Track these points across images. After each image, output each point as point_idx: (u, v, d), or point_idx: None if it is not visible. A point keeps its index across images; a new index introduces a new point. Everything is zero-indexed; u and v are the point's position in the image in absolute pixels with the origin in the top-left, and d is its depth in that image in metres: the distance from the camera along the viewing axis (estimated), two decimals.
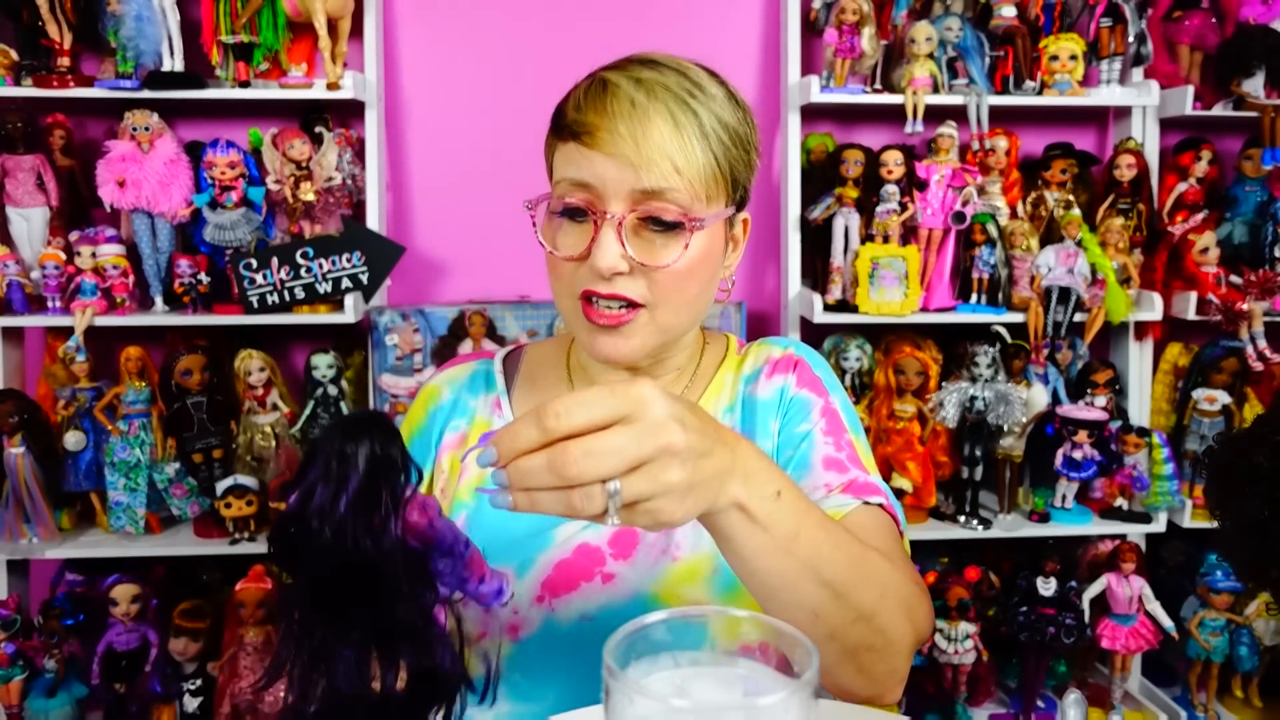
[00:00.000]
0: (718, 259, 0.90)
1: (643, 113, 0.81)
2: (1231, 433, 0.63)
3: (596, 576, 0.90)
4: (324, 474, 0.58)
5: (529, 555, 0.91)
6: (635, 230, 0.84)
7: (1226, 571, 2.03)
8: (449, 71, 2.14)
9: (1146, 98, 2.06)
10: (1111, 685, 2.11)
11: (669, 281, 0.84)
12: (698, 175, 0.83)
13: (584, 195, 0.84)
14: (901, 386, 2.01)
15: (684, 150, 0.82)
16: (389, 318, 1.99)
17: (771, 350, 1.00)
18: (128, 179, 1.85)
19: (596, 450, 0.56)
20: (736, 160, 0.88)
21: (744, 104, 0.91)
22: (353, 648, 0.59)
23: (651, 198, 0.82)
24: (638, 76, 0.84)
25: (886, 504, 0.88)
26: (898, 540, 0.88)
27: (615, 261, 0.82)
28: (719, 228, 0.89)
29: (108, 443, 1.88)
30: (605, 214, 0.83)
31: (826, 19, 2.00)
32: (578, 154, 0.83)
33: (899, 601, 0.75)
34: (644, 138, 0.81)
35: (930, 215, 1.99)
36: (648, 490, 0.57)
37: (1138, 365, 2.14)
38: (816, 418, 0.93)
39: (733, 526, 0.64)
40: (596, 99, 0.83)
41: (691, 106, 0.83)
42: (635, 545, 0.91)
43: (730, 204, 0.89)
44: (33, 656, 1.80)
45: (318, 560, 0.58)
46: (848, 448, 0.92)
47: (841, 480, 0.88)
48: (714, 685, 0.52)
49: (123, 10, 1.82)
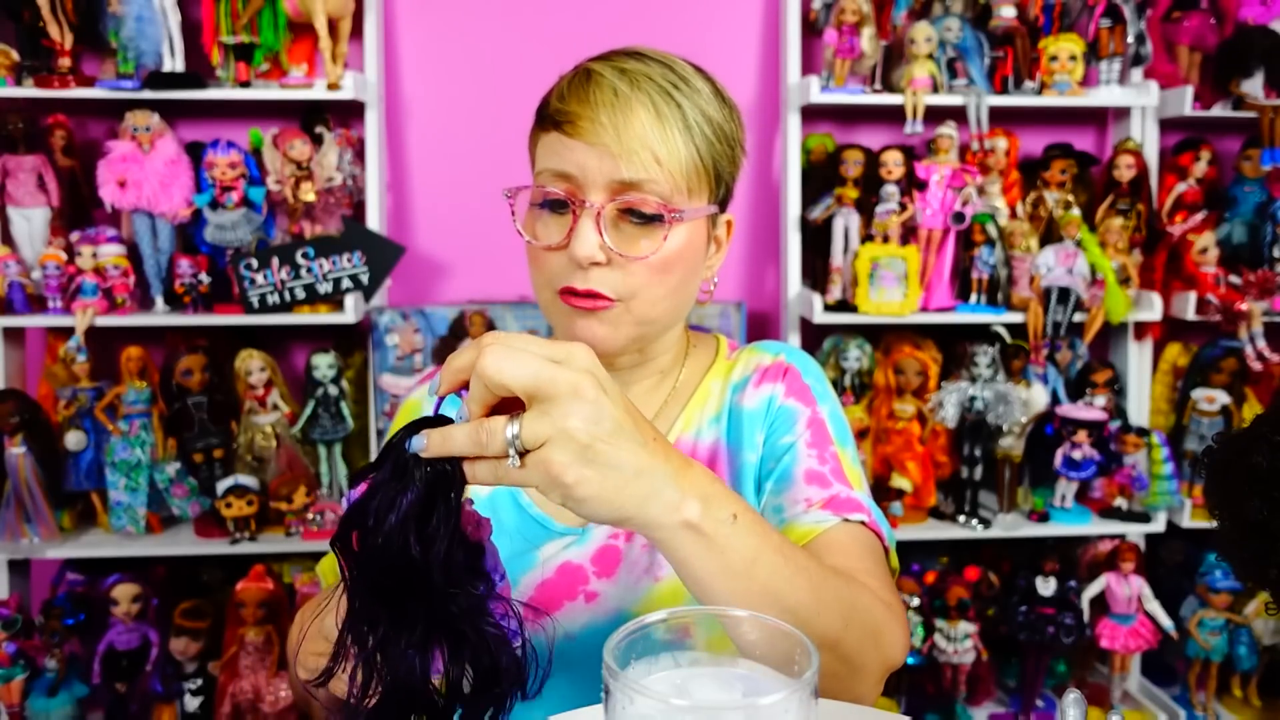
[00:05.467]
0: (698, 256, 0.89)
1: (625, 102, 0.81)
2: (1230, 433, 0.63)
3: (580, 595, 0.88)
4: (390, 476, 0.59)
5: (511, 577, 0.91)
6: (614, 221, 0.83)
7: (1225, 571, 2.03)
8: (449, 71, 2.14)
9: (1146, 98, 2.07)
10: (1111, 685, 2.11)
11: (646, 274, 0.84)
12: (679, 167, 0.82)
13: (565, 186, 0.84)
14: (901, 386, 2.01)
15: (666, 141, 0.81)
16: (389, 318, 1.99)
17: (762, 357, 0.98)
18: (128, 179, 1.85)
19: (512, 349, 0.57)
20: (721, 156, 0.87)
21: (730, 101, 0.90)
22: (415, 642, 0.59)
23: (631, 188, 0.82)
24: (622, 67, 0.84)
25: (870, 521, 0.86)
26: (879, 559, 0.85)
27: (593, 251, 0.82)
28: (701, 224, 0.88)
29: (108, 443, 1.88)
30: (585, 204, 0.82)
31: (826, 19, 2.00)
32: (559, 143, 0.83)
33: (866, 628, 0.73)
34: (625, 127, 0.81)
35: (930, 215, 1.99)
36: (544, 431, 0.57)
37: (1137, 365, 2.14)
38: (802, 429, 0.91)
39: (686, 548, 0.63)
40: (580, 89, 0.83)
41: (675, 98, 0.83)
42: (618, 564, 0.89)
43: (714, 200, 0.89)
44: (34, 656, 1.80)
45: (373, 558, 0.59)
46: (832, 460, 0.90)
47: (823, 495, 0.86)
48: (714, 685, 0.52)
49: (123, 11, 1.82)
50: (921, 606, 1.97)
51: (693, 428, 0.95)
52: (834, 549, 0.82)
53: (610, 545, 0.90)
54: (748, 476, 0.91)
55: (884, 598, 0.79)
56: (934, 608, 1.98)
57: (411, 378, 2.00)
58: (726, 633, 0.55)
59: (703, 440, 0.94)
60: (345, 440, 2.01)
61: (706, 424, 0.95)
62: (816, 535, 0.84)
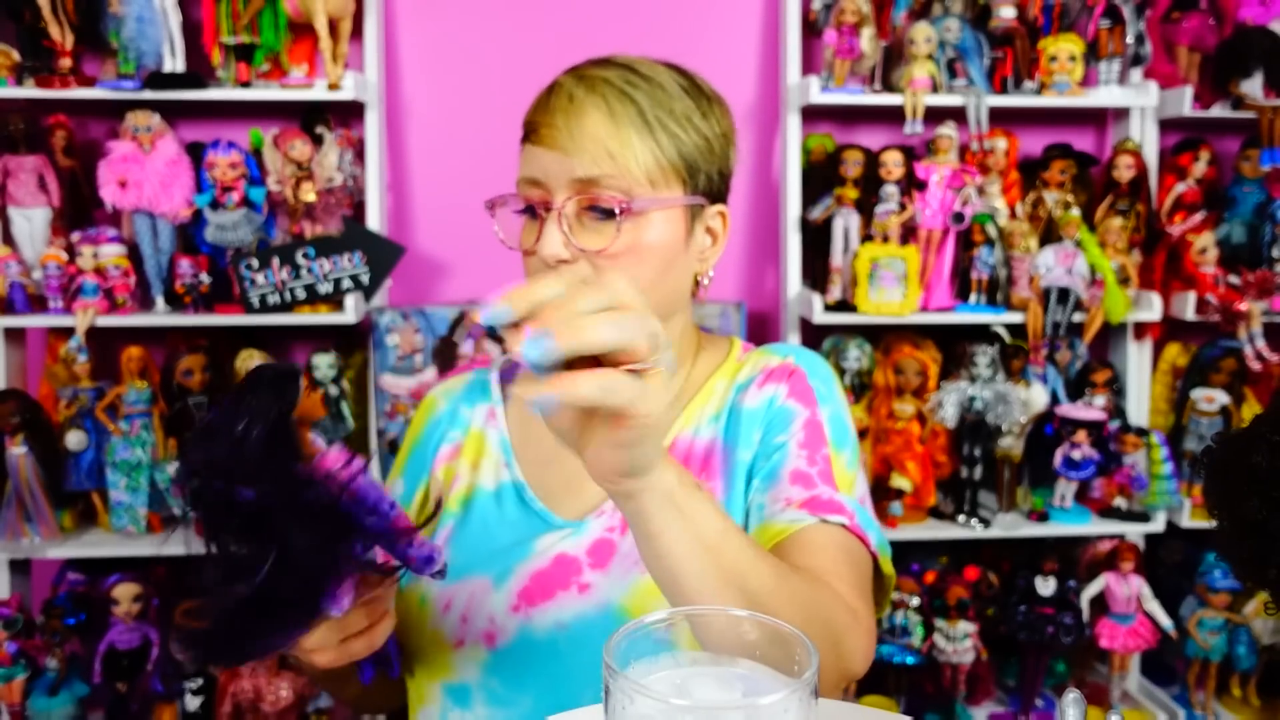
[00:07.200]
0: (675, 247, 0.89)
1: (579, 105, 0.85)
2: (1230, 432, 0.63)
3: (573, 586, 0.89)
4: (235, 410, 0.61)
5: (508, 565, 0.92)
6: (579, 218, 0.86)
7: (1225, 571, 2.03)
8: (449, 71, 2.14)
9: (1145, 98, 2.07)
10: (1110, 684, 2.12)
11: (613, 267, 0.85)
12: (635, 160, 0.84)
13: (537, 192, 0.87)
14: (901, 386, 2.02)
15: (617, 136, 0.84)
16: (389, 318, 2.00)
17: (770, 358, 0.98)
18: (129, 179, 1.85)
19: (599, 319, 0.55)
20: (694, 148, 0.88)
21: (709, 94, 0.92)
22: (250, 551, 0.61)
23: (590, 185, 0.84)
24: (582, 74, 0.87)
25: (851, 525, 0.85)
26: (854, 564, 0.84)
27: (557, 249, 0.85)
28: (676, 215, 0.88)
29: (109, 442, 1.88)
30: (550, 206, 0.86)
31: (826, 19, 2.00)
32: (529, 153, 0.88)
33: (825, 632, 0.72)
34: (579, 128, 0.84)
35: (930, 215, 1.99)
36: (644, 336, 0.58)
37: (1136, 365, 2.14)
38: (796, 429, 0.91)
39: (665, 514, 0.64)
40: (544, 99, 0.88)
41: (631, 95, 0.85)
42: (612, 555, 0.90)
43: (690, 192, 0.89)
44: (34, 656, 1.80)
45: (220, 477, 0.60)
46: (822, 463, 0.89)
47: (804, 495, 0.86)
48: (714, 685, 0.52)
49: (124, 11, 1.82)
50: (921, 606, 1.98)
51: (691, 425, 0.95)
52: (806, 548, 0.82)
53: (606, 538, 0.91)
54: (740, 474, 0.92)
55: (850, 603, 0.78)
56: (933, 607, 1.99)
57: (412, 378, 2.00)
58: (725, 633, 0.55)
59: (700, 438, 0.95)
60: (345, 440, 2.01)
61: (705, 422, 0.95)
62: (790, 534, 0.84)
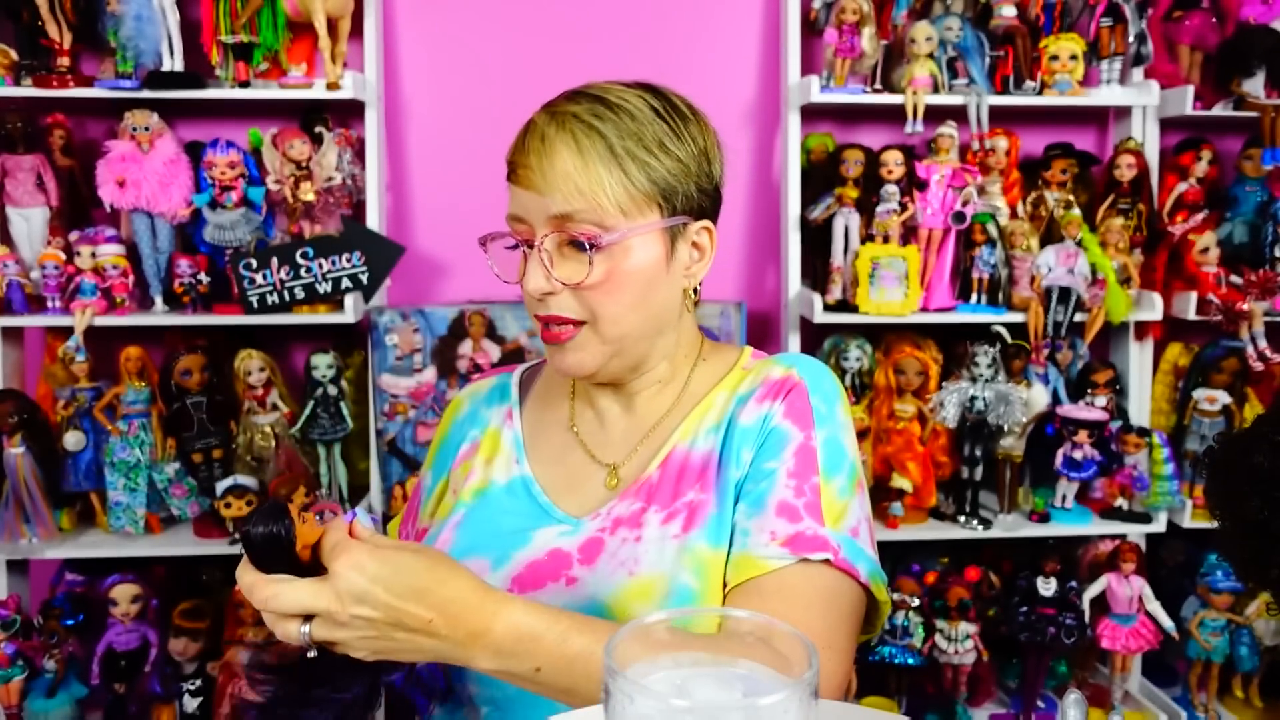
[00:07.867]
0: (656, 269, 0.91)
1: (550, 144, 0.88)
2: (1231, 433, 0.62)
3: (562, 579, 0.91)
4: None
5: (506, 551, 0.94)
6: (560, 251, 0.90)
7: (1227, 571, 2.03)
8: (449, 71, 2.14)
9: (1146, 97, 2.06)
10: (1112, 685, 2.11)
11: (596, 297, 0.89)
12: (606, 194, 0.87)
13: (522, 228, 0.91)
14: (901, 386, 2.01)
15: (586, 172, 0.87)
16: (389, 318, 1.99)
17: (773, 369, 0.97)
18: (127, 179, 1.85)
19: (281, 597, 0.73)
20: (666, 172, 0.89)
21: (686, 112, 0.93)
22: None
23: (565, 221, 0.88)
24: (554, 110, 0.90)
25: (836, 560, 0.85)
26: (831, 601, 0.85)
27: (540, 284, 0.89)
28: (655, 239, 0.90)
29: (107, 443, 1.88)
30: (533, 242, 0.90)
31: (826, 19, 2.00)
32: (513, 192, 0.92)
33: None
34: (550, 167, 0.87)
35: (930, 215, 1.99)
36: (324, 636, 0.72)
37: (1138, 365, 2.14)
38: (787, 456, 0.90)
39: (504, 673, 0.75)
40: (520, 139, 0.92)
41: (598, 128, 0.88)
42: (600, 553, 0.91)
43: (668, 214, 0.91)
44: (32, 656, 1.80)
45: None
46: (810, 493, 0.88)
47: (788, 531, 0.86)
48: (714, 685, 0.52)
49: (122, 10, 1.82)
50: (922, 607, 1.97)
51: (689, 437, 0.96)
52: (778, 593, 0.84)
53: (597, 537, 0.92)
54: (729, 492, 0.92)
55: None
56: (934, 608, 1.98)
57: (411, 377, 2.00)
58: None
59: (697, 449, 0.95)
60: (345, 440, 2.01)
61: (704, 433, 0.95)
62: (765, 573, 0.85)
